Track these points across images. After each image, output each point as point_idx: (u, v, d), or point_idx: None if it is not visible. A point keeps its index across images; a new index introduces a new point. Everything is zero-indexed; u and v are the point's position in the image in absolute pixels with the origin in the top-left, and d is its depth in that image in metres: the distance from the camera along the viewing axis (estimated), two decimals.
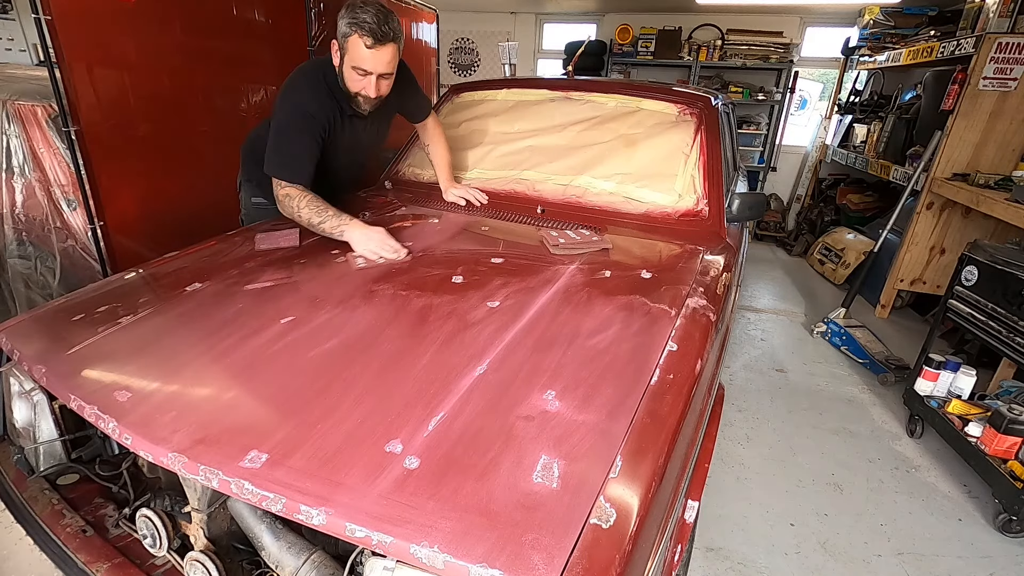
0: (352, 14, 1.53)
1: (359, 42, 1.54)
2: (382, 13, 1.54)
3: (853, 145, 4.76)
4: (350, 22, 1.53)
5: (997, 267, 2.14)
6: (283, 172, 1.69)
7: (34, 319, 1.24)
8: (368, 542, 0.71)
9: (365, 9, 1.52)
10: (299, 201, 1.66)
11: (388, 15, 1.55)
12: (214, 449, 0.83)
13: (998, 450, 2.01)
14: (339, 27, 1.57)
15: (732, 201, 1.97)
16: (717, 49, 5.33)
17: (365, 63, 1.58)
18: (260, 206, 2.10)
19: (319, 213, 1.64)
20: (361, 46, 1.54)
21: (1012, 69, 3.07)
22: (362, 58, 1.57)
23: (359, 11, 1.52)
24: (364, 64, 1.58)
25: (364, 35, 1.53)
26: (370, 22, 1.51)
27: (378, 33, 1.53)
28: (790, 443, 2.37)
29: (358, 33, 1.53)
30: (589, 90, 2.31)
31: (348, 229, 1.59)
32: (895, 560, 1.80)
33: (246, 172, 2.14)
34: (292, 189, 1.68)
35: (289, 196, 1.68)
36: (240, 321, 1.18)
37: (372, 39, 1.53)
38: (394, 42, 1.58)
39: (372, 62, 1.58)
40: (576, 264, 1.52)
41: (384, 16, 1.54)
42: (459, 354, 1.07)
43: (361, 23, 1.52)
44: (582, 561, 0.66)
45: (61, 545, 1.00)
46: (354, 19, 1.52)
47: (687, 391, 1.00)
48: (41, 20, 1.87)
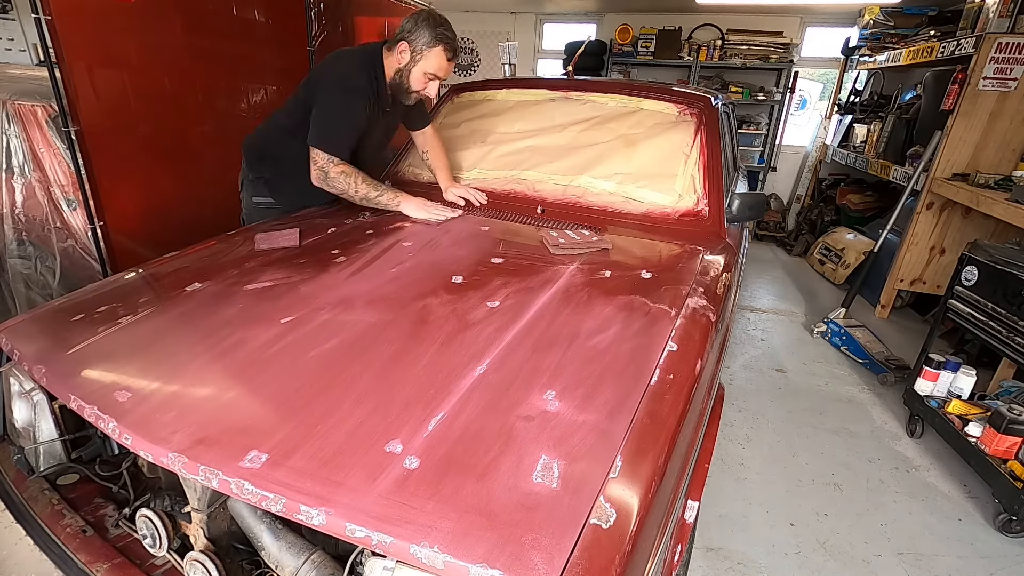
0: (437, 29, 1.77)
1: (443, 54, 1.80)
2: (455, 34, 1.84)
3: (853, 145, 4.76)
4: (437, 36, 1.77)
5: (997, 267, 2.14)
6: (332, 147, 1.82)
7: (34, 319, 1.24)
8: (368, 542, 0.71)
9: (447, 27, 1.80)
10: (355, 178, 1.85)
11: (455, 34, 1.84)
12: (214, 449, 0.82)
13: (998, 450, 2.01)
14: (420, 34, 1.76)
15: (732, 201, 1.97)
16: (717, 49, 5.33)
17: (441, 71, 1.84)
18: (261, 206, 2.10)
19: (376, 188, 1.86)
20: (444, 57, 1.80)
21: (1012, 69, 3.07)
22: (440, 67, 1.82)
23: (443, 28, 1.78)
24: (440, 72, 1.83)
25: (447, 49, 1.79)
26: (452, 39, 1.80)
27: (456, 49, 1.84)
28: (790, 443, 2.37)
29: (443, 46, 1.78)
30: (589, 90, 2.31)
31: (403, 200, 1.87)
32: (895, 560, 1.80)
33: (252, 170, 2.11)
34: (346, 166, 1.84)
35: (345, 173, 1.84)
36: (240, 321, 1.18)
37: (453, 54, 1.82)
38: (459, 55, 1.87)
39: (445, 71, 1.85)
40: (576, 264, 1.52)
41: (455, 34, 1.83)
42: (459, 354, 1.07)
43: (446, 39, 1.78)
44: (582, 561, 0.66)
45: (61, 545, 1.00)
46: (441, 35, 1.77)
47: (687, 391, 1.00)
48: (41, 20, 1.87)
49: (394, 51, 1.81)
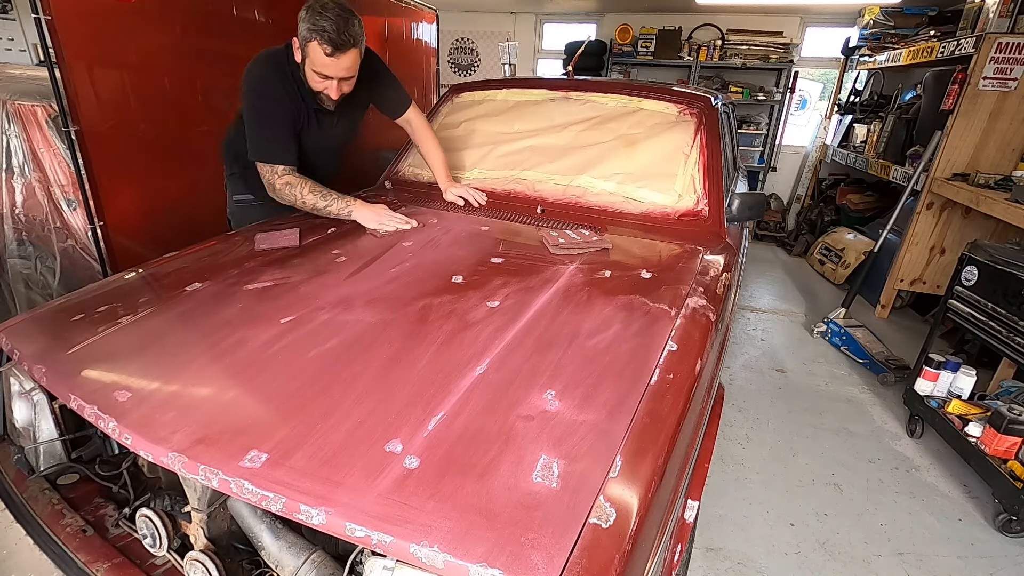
0: (312, 20, 1.52)
1: (318, 49, 1.55)
2: (342, 19, 1.53)
3: (853, 145, 4.76)
4: (310, 28, 1.53)
5: (997, 267, 2.14)
6: (272, 156, 1.70)
7: (34, 319, 1.24)
8: (368, 542, 0.71)
9: (325, 15, 1.51)
10: (301, 188, 1.69)
11: (348, 20, 1.55)
12: (214, 449, 0.83)
13: (998, 450, 2.01)
14: (299, 29, 1.56)
15: (732, 201, 1.97)
16: (717, 49, 5.33)
17: (326, 69, 1.60)
18: (242, 203, 2.07)
19: (324, 197, 1.69)
20: (321, 53, 1.55)
21: (1012, 69, 3.07)
22: (323, 64, 1.58)
23: (319, 17, 1.51)
24: (325, 70, 1.60)
25: (323, 43, 1.53)
26: (329, 30, 1.51)
27: (337, 41, 1.54)
28: (790, 443, 2.37)
29: (317, 40, 1.53)
30: (589, 90, 2.31)
31: (356, 208, 1.68)
32: (895, 560, 1.80)
33: (228, 168, 2.11)
34: (291, 176, 1.71)
35: (290, 184, 1.70)
36: (240, 321, 1.18)
37: (331, 47, 1.54)
38: (354, 47, 1.59)
39: (332, 68, 1.60)
40: (576, 264, 1.52)
41: (344, 22, 1.53)
42: (459, 354, 1.07)
43: (320, 30, 1.51)
44: (582, 561, 0.66)
45: (61, 545, 1.00)
46: (314, 26, 1.52)
47: (687, 391, 1.00)
48: (41, 20, 1.87)
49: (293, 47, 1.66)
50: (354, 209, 1.68)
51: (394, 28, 4.12)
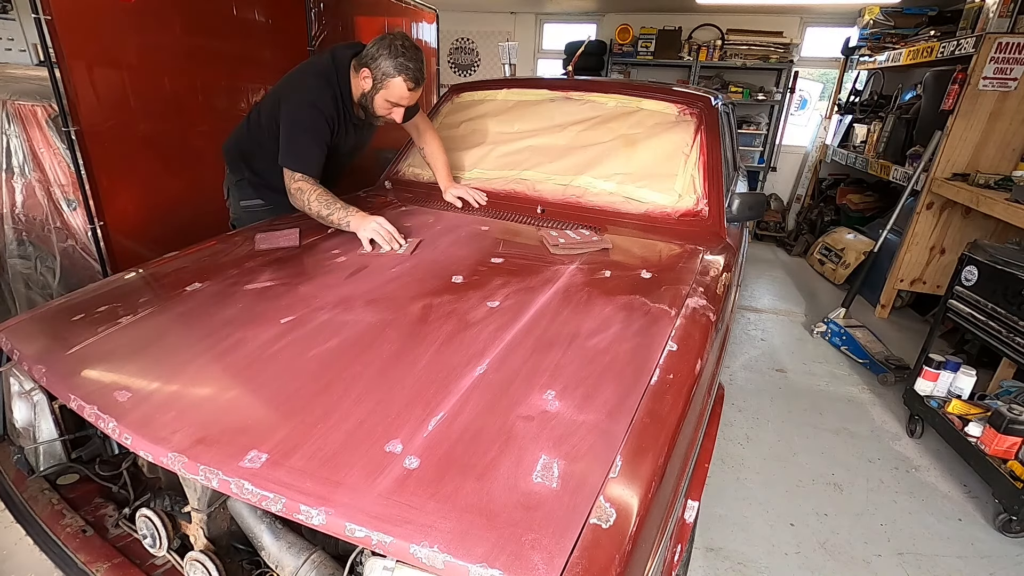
0: (398, 60, 1.70)
1: (402, 84, 1.73)
2: (419, 59, 1.74)
3: (853, 145, 4.76)
4: (397, 66, 1.70)
5: (997, 267, 2.14)
6: (298, 164, 1.79)
7: (34, 319, 1.24)
8: (368, 542, 0.71)
9: (409, 55, 1.71)
10: (310, 195, 1.77)
11: (423, 59, 1.75)
12: (214, 449, 0.83)
13: (998, 450, 2.01)
14: (380, 63, 1.71)
15: (732, 201, 1.97)
16: (717, 49, 5.33)
17: (403, 101, 1.79)
18: (251, 208, 2.11)
19: (327, 206, 1.74)
20: (404, 88, 1.74)
21: (1012, 69, 3.06)
22: (402, 96, 1.77)
23: (403, 57, 1.70)
24: (402, 102, 1.79)
25: (408, 80, 1.73)
26: (414, 69, 1.72)
27: (420, 79, 1.75)
28: (790, 443, 2.37)
29: (403, 77, 1.72)
30: (589, 90, 2.31)
31: (353, 219, 1.69)
32: (895, 560, 1.80)
33: (235, 173, 2.14)
34: (304, 183, 1.78)
35: (301, 190, 1.78)
36: (240, 321, 1.18)
37: (415, 84, 1.75)
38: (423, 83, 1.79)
39: (408, 100, 1.80)
40: (576, 264, 1.52)
41: (422, 61, 1.75)
42: (459, 354, 1.07)
43: (406, 69, 1.71)
44: (582, 561, 0.66)
45: (61, 545, 1.00)
46: (402, 66, 1.70)
47: (687, 391, 1.00)
48: (41, 20, 1.87)
49: (359, 74, 1.78)
50: (352, 220, 1.70)
51: (394, 28, 4.12)
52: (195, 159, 2.57)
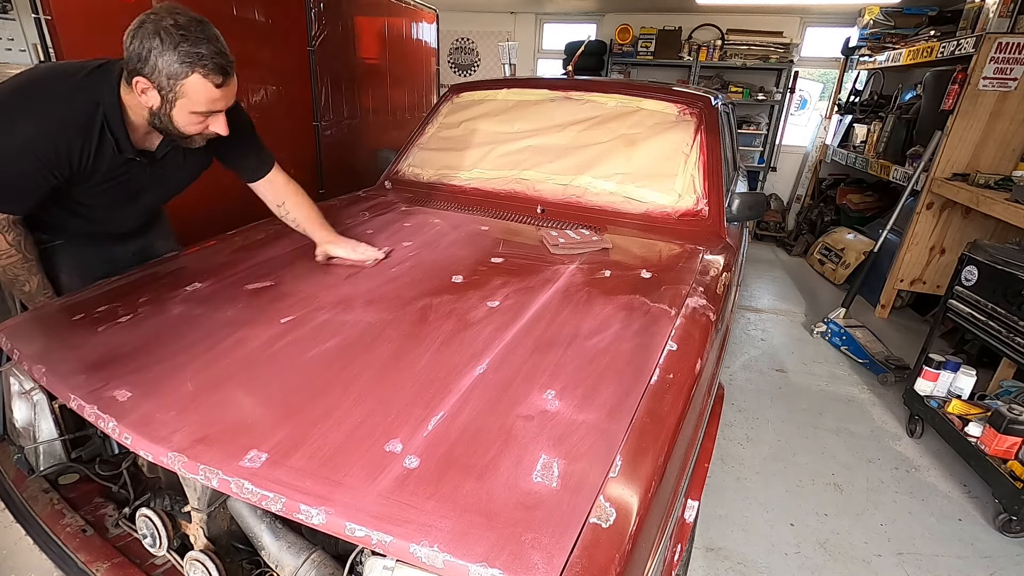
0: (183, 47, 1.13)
1: (202, 82, 1.16)
2: (214, 35, 1.18)
3: (853, 145, 4.76)
4: (186, 58, 1.13)
5: (997, 267, 2.14)
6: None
7: (34, 319, 1.24)
8: (368, 541, 0.71)
9: (197, 38, 1.14)
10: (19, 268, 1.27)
11: (216, 34, 1.19)
12: (214, 449, 0.83)
13: (998, 450, 2.01)
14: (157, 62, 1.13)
15: (732, 201, 1.97)
16: (717, 49, 5.33)
17: (216, 103, 1.21)
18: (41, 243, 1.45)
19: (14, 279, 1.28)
20: (208, 87, 1.17)
21: (1012, 69, 3.06)
22: (212, 99, 1.20)
23: (190, 44, 1.13)
24: (215, 105, 1.22)
25: (211, 73, 1.16)
26: (209, 55, 1.15)
27: (224, 65, 1.18)
28: (790, 443, 2.37)
29: (201, 72, 1.15)
30: (589, 90, 2.31)
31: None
32: (895, 560, 1.80)
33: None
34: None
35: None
36: (240, 321, 1.18)
37: (222, 75, 1.18)
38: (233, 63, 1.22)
39: (222, 101, 1.23)
40: (576, 264, 1.52)
41: (216, 38, 1.18)
42: (459, 354, 1.07)
43: (202, 58, 1.14)
44: (582, 560, 0.66)
45: (61, 545, 1.00)
46: (191, 55, 1.13)
47: (687, 391, 1.00)
48: (41, 20, 1.87)
49: (135, 88, 1.18)
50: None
51: (394, 28, 4.12)
52: None
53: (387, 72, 4.11)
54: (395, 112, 4.28)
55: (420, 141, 2.45)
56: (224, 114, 1.26)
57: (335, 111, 3.54)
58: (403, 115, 4.37)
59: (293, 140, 3.28)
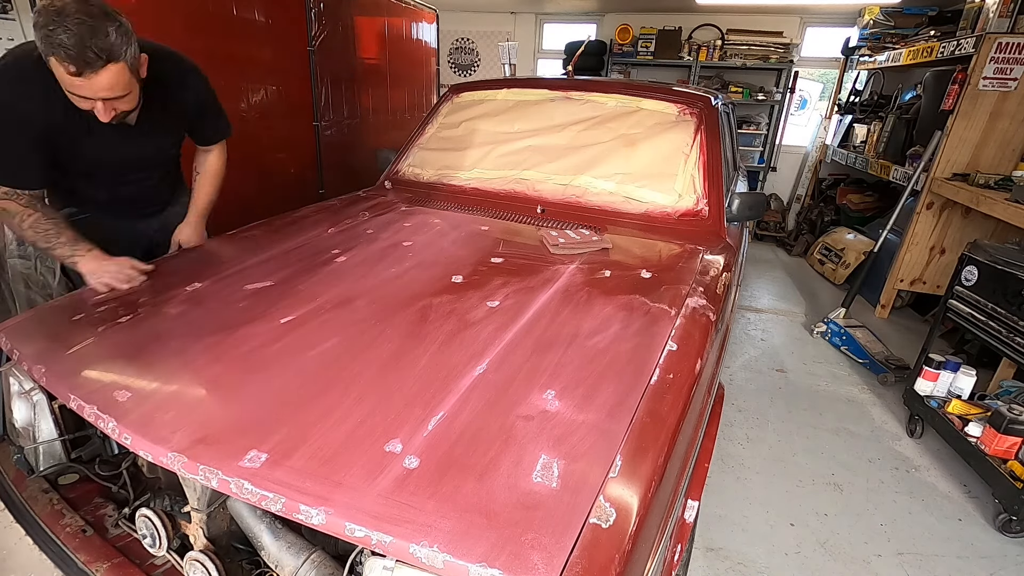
0: (46, 30, 1.13)
1: (59, 68, 1.17)
2: (87, 26, 1.14)
3: (853, 145, 4.76)
4: (45, 41, 1.14)
5: (997, 267, 2.14)
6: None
7: (34, 319, 1.24)
8: (368, 542, 0.71)
9: (62, 24, 1.12)
10: (21, 218, 1.36)
11: (96, 28, 1.16)
12: (214, 449, 0.82)
13: (998, 450, 2.01)
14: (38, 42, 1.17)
15: (732, 201, 1.97)
16: (717, 49, 5.33)
17: (77, 90, 1.22)
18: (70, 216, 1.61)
19: (47, 238, 1.38)
20: (63, 73, 1.18)
21: (1012, 69, 3.06)
22: (71, 84, 1.21)
23: (54, 27, 1.12)
24: (76, 91, 1.23)
25: (63, 61, 1.15)
26: (68, 45, 1.13)
27: (80, 58, 1.15)
28: (790, 443, 2.37)
29: (56, 57, 1.15)
30: (589, 90, 2.31)
31: (82, 261, 1.37)
32: (895, 560, 1.80)
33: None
34: (10, 202, 1.36)
35: (6, 211, 1.36)
36: (240, 321, 1.18)
37: (75, 66, 1.16)
38: (112, 62, 1.20)
39: (86, 90, 1.22)
40: (576, 264, 1.52)
41: (91, 30, 1.15)
42: (459, 354, 1.07)
43: (55, 45, 1.14)
44: (582, 560, 0.66)
45: (61, 545, 1.00)
46: (48, 40, 1.13)
47: (687, 391, 1.00)
48: None
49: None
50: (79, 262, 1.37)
51: (394, 28, 4.12)
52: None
53: (387, 72, 4.11)
54: (395, 112, 4.28)
55: (420, 141, 2.45)
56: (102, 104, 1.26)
57: (335, 111, 3.54)
58: (403, 115, 4.37)
59: (293, 140, 3.28)
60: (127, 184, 1.63)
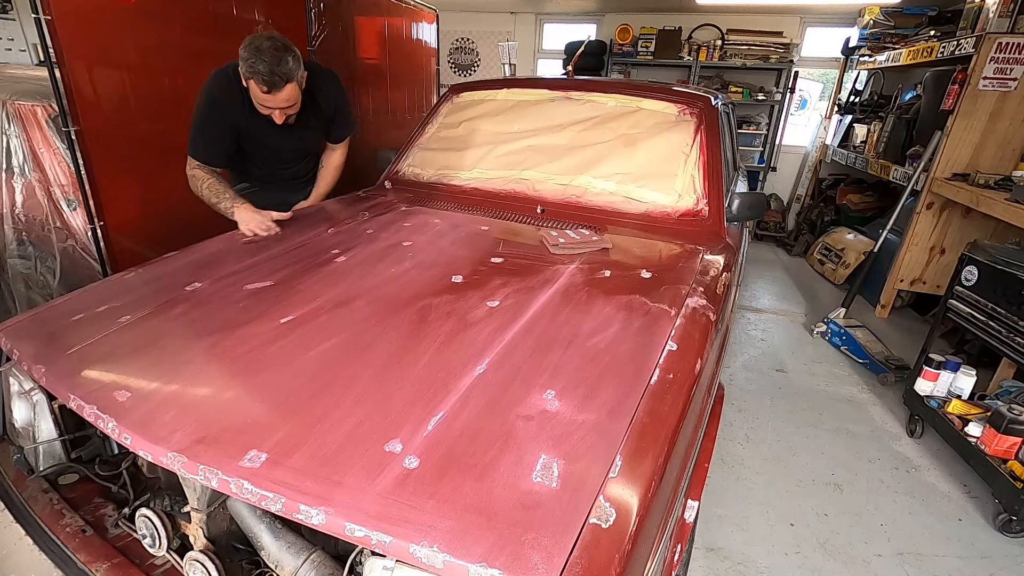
0: (248, 62, 1.69)
1: (256, 87, 1.74)
2: (276, 58, 1.69)
3: (853, 145, 4.76)
4: (247, 69, 1.71)
5: (997, 267, 2.14)
6: (195, 152, 1.92)
7: (34, 319, 1.24)
8: (368, 542, 0.70)
9: (260, 57, 1.67)
10: (202, 182, 1.90)
11: (281, 58, 1.70)
12: (213, 449, 0.82)
13: (998, 450, 2.01)
14: (241, 66, 1.73)
15: (732, 201, 1.97)
16: (717, 49, 5.33)
17: (266, 103, 1.80)
18: (243, 190, 2.16)
19: (217, 195, 1.88)
20: (258, 91, 1.75)
21: (1012, 69, 3.06)
22: (262, 99, 1.79)
23: (255, 60, 1.68)
24: (264, 103, 1.81)
25: (260, 83, 1.72)
26: (263, 72, 1.69)
27: (271, 81, 1.71)
28: (790, 443, 2.37)
29: (255, 80, 1.72)
30: (589, 90, 2.30)
31: (237, 211, 1.81)
32: (895, 560, 1.80)
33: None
34: (198, 170, 1.91)
35: (195, 177, 1.91)
36: (240, 321, 1.18)
37: (267, 86, 1.72)
38: (289, 83, 1.75)
39: (272, 102, 1.79)
40: (576, 264, 1.52)
41: (277, 61, 1.69)
42: (459, 354, 1.07)
43: (255, 73, 1.70)
44: (582, 560, 0.66)
45: (61, 545, 1.00)
46: (250, 68, 1.69)
47: (687, 391, 1.00)
48: (41, 20, 1.87)
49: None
50: (236, 211, 1.81)
51: (394, 28, 4.12)
52: None
53: (387, 72, 4.10)
54: (395, 112, 4.27)
55: (420, 141, 2.45)
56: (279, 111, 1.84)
57: None
58: (403, 115, 4.37)
59: None
60: (285, 167, 2.18)
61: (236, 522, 0.96)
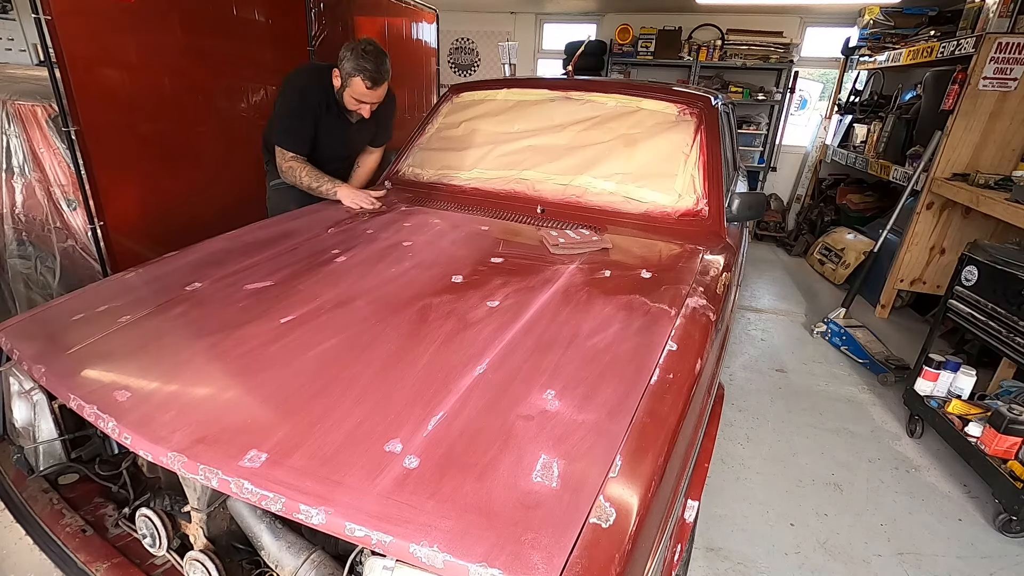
0: (356, 60, 1.96)
1: (361, 83, 1.99)
2: (379, 59, 1.98)
3: (853, 145, 4.76)
4: (355, 67, 1.96)
5: (997, 267, 2.14)
6: (288, 143, 2.12)
7: (34, 319, 1.24)
8: (368, 541, 0.71)
9: (367, 58, 1.96)
10: (300, 170, 2.11)
11: (383, 60, 2.00)
12: (213, 448, 0.82)
13: (998, 450, 2.01)
14: (345, 64, 1.99)
15: (732, 201, 1.97)
16: (717, 49, 5.33)
17: (365, 97, 2.05)
18: (276, 187, 2.34)
19: (317, 179, 2.10)
20: (363, 86, 2.00)
21: (1012, 69, 3.06)
22: (363, 94, 2.03)
23: (362, 59, 1.96)
24: (364, 99, 2.06)
25: (366, 79, 1.98)
26: (371, 69, 1.97)
27: (376, 78, 1.99)
28: (790, 443, 2.37)
29: (361, 76, 1.98)
30: (589, 90, 2.30)
31: (340, 190, 2.07)
32: (895, 560, 1.80)
33: (265, 158, 2.38)
34: (295, 161, 2.12)
35: (292, 168, 2.12)
36: (240, 320, 1.18)
37: (372, 83, 2.00)
38: (386, 82, 2.05)
39: (370, 97, 2.06)
40: (576, 264, 1.52)
41: (381, 61, 1.99)
42: (459, 354, 1.07)
43: (364, 69, 1.97)
44: (582, 560, 0.66)
45: (61, 545, 1.00)
46: (358, 65, 1.96)
47: (687, 391, 1.00)
48: (41, 20, 1.87)
49: (334, 74, 2.06)
50: (338, 190, 2.07)
51: (394, 28, 4.12)
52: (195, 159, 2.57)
53: None
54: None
55: (420, 141, 2.45)
56: (369, 105, 2.09)
57: None
58: (403, 115, 4.36)
59: None
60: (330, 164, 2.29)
61: (236, 522, 0.96)
